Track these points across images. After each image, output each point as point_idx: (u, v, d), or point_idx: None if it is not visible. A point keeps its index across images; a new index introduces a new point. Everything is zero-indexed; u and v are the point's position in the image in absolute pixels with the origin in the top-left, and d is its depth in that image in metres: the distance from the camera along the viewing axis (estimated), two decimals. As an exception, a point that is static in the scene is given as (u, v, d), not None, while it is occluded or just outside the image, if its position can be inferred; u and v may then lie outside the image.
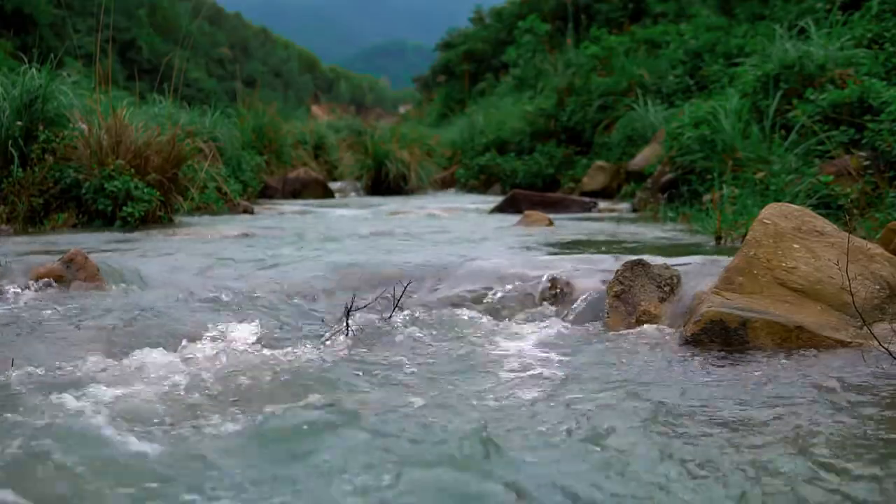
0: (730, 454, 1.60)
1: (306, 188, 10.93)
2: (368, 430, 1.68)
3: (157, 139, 6.12)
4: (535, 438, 1.69)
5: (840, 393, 2.00)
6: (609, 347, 2.55)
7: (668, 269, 2.89)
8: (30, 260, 3.43)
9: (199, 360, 2.30)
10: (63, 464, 1.49)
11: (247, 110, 11.50)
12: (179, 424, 1.76)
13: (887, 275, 2.60)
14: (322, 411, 1.83)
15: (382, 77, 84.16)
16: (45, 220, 5.57)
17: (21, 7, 26.01)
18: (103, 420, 1.75)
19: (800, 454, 1.60)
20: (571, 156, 11.51)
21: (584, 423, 1.78)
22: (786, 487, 1.45)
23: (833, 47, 6.44)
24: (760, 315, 2.46)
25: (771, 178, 5.46)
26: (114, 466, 1.50)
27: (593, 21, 17.38)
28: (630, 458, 1.58)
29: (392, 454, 1.54)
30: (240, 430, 1.71)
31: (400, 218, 7.25)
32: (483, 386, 2.11)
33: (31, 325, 2.60)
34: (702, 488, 1.45)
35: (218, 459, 1.54)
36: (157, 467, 1.50)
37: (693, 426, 1.78)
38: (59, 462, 1.49)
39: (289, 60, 62.82)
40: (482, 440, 1.60)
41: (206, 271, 3.55)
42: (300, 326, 2.78)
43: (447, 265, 3.41)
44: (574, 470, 1.52)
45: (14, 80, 6.09)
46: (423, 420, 1.79)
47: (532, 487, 1.42)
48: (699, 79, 10.08)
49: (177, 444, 1.63)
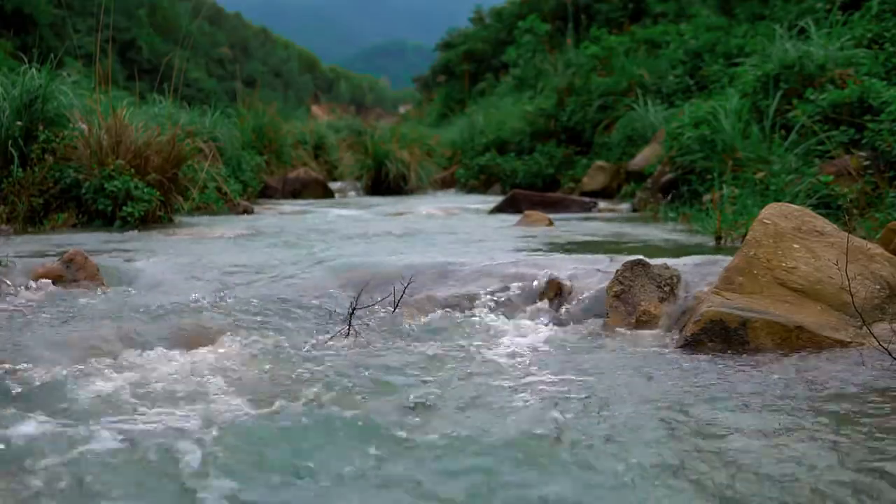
0: (730, 454, 1.60)
1: (306, 188, 10.93)
2: (368, 430, 1.68)
3: (157, 139, 6.12)
4: (536, 438, 1.69)
5: (840, 393, 2.00)
6: (609, 347, 2.55)
7: (668, 269, 2.89)
8: (30, 260, 3.43)
9: (199, 359, 2.30)
10: (51, 463, 1.49)
11: (247, 110, 11.50)
12: (178, 422, 1.76)
13: (887, 275, 2.60)
14: (321, 412, 1.83)
15: (382, 77, 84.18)
16: (45, 220, 5.57)
17: (21, 7, 26.01)
18: (103, 417, 1.75)
19: (800, 454, 1.60)
20: (571, 156, 11.50)
21: (584, 423, 1.78)
22: (786, 487, 1.45)
23: (833, 47, 6.44)
24: (760, 315, 2.46)
25: (771, 178, 5.46)
26: (106, 462, 1.50)
27: (593, 21, 17.37)
28: (630, 458, 1.58)
29: (392, 455, 1.54)
30: (239, 430, 1.71)
31: (400, 218, 7.25)
32: (482, 386, 2.11)
33: (32, 324, 2.60)
34: (701, 488, 1.45)
35: (216, 458, 1.54)
36: (146, 464, 1.50)
37: (693, 426, 1.78)
38: (50, 461, 1.49)
39: (289, 60, 62.81)
40: (482, 440, 1.60)
41: (206, 271, 3.55)
42: (301, 326, 2.78)
43: (447, 265, 3.41)
44: (574, 470, 1.52)
45: (14, 80, 6.09)
46: (424, 420, 1.79)
47: (530, 488, 1.42)
48: (699, 79, 10.08)
49: (174, 441, 1.63)
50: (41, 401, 1.88)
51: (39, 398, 1.90)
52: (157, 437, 1.65)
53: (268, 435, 1.67)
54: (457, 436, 1.66)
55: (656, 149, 8.48)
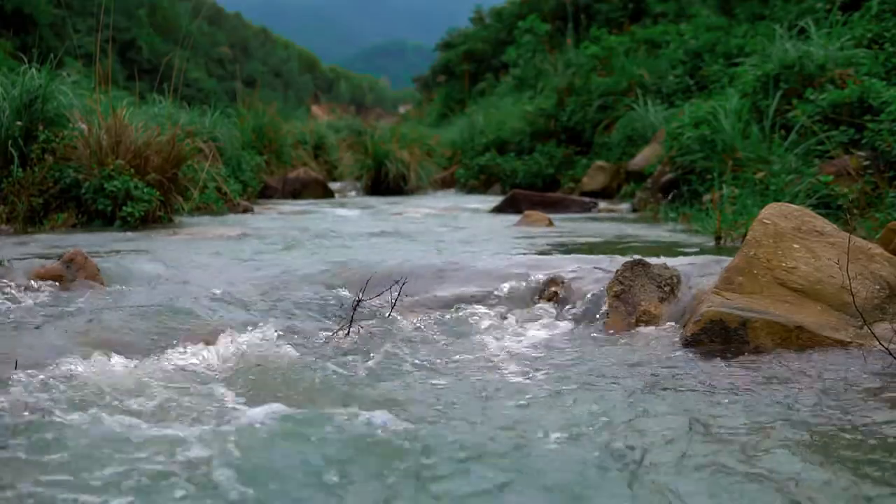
0: (729, 454, 1.60)
1: (306, 188, 10.93)
2: (366, 429, 1.68)
3: (156, 139, 6.12)
4: (535, 438, 1.69)
5: (841, 393, 2.00)
6: (609, 347, 2.55)
7: (668, 269, 2.89)
8: (30, 260, 3.43)
9: (199, 359, 2.30)
10: (49, 459, 1.49)
11: (247, 110, 11.50)
12: (177, 420, 1.76)
13: (887, 275, 2.60)
14: (319, 412, 1.83)
15: (382, 77, 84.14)
16: (44, 220, 5.57)
17: (21, 7, 26.01)
18: (104, 415, 1.75)
19: (799, 454, 1.60)
20: (571, 156, 11.51)
21: (584, 424, 1.78)
22: (785, 488, 1.44)
23: (833, 47, 6.44)
24: (760, 315, 2.46)
25: (771, 178, 5.46)
26: (112, 455, 1.50)
27: (593, 21, 17.37)
28: (629, 458, 1.57)
29: (390, 453, 1.54)
30: (238, 429, 1.71)
31: (400, 218, 7.25)
32: (481, 386, 2.11)
33: (32, 324, 2.60)
34: (700, 488, 1.45)
35: (214, 456, 1.54)
36: (148, 456, 1.50)
37: (693, 427, 1.78)
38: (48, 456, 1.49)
39: (289, 60, 62.79)
40: (480, 440, 1.60)
41: (206, 271, 3.55)
42: (301, 327, 2.78)
43: (447, 265, 3.41)
44: (574, 470, 1.52)
45: (14, 80, 6.09)
46: (423, 421, 1.79)
47: (527, 488, 1.42)
48: (699, 79, 10.08)
49: (171, 439, 1.63)
50: (42, 400, 1.87)
51: (40, 396, 1.89)
52: (153, 434, 1.65)
53: (266, 435, 1.67)
54: (455, 437, 1.66)
55: (656, 149, 8.49)
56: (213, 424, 1.75)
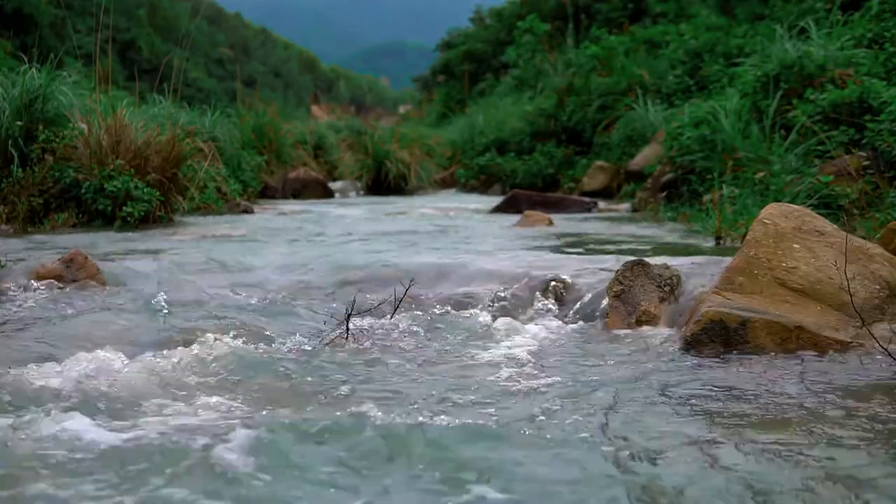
0: (729, 454, 1.60)
1: (306, 188, 10.92)
2: (367, 429, 1.68)
3: (156, 139, 6.11)
4: (534, 438, 1.69)
5: (840, 393, 2.00)
6: (609, 347, 2.55)
7: (668, 269, 2.89)
8: (30, 260, 3.43)
9: (198, 359, 2.30)
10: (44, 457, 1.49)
11: (247, 110, 11.49)
12: (174, 420, 1.76)
13: (887, 275, 2.60)
14: (317, 413, 1.83)
15: (382, 77, 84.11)
16: (44, 220, 5.57)
17: (21, 7, 26.00)
18: (100, 414, 1.75)
19: (799, 454, 1.60)
20: (571, 156, 11.50)
21: (583, 424, 1.78)
22: (785, 488, 1.45)
23: (833, 47, 6.44)
24: (760, 315, 2.46)
25: (771, 178, 5.46)
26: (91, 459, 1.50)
27: (593, 21, 17.35)
28: (629, 458, 1.58)
29: (391, 454, 1.54)
30: (236, 430, 1.71)
31: (400, 218, 7.25)
32: (481, 386, 2.11)
33: (32, 324, 2.60)
34: (700, 488, 1.45)
35: (212, 454, 1.54)
36: (137, 457, 1.50)
37: (693, 427, 1.78)
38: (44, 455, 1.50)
39: (289, 60, 62.75)
40: (479, 440, 1.60)
41: (206, 271, 3.55)
42: (301, 327, 2.78)
43: (447, 265, 3.41)
44: (573, 470, 1.52)
45: (14, 80, 6.09)
46: (423, 421, 1.79)
47: (524, 488, 1.42)
48: (699, 79, 10.07)
49: (168, 438, 1.63)
50: (42, 399, 1.88)
51: (40, 396, 1.90)
52: (151, 434, 1.65)
53: (264, 435, 1.67)
54: (454, 436, 1.66)
55: (656, 149, 8.48)
56: (207, 423, 1.75)
